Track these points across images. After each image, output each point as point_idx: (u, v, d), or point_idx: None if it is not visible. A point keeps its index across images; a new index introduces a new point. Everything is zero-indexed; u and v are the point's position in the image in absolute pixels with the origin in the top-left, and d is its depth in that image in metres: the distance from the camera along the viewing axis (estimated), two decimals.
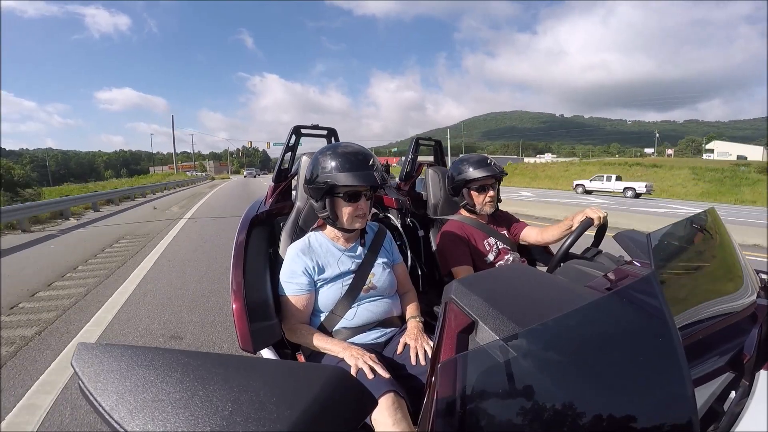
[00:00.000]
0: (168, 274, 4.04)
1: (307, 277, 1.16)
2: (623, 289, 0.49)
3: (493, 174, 1.67)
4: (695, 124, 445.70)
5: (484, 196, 1.70)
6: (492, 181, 1.71)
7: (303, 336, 1.13)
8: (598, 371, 0.44)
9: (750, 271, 0.82)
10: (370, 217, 1.24)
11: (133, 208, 11.26)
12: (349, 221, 1.18)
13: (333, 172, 1.12)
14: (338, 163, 1.12)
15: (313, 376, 0.39)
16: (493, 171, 1.67)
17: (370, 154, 1.17)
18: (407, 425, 0.84)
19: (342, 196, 1.15)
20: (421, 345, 1.08)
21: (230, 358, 0.41)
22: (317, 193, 1.16)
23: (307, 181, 1.19)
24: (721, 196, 21.32)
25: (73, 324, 2.80)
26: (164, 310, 3.04)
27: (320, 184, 1.13)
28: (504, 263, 1.67)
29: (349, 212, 1.16)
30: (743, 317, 0.71)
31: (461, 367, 0.43)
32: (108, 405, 0.35)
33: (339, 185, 1.12)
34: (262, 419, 0.34)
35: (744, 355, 0.64)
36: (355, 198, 1.16)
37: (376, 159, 1.17)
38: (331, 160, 1.14)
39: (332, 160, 1.13)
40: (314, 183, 1.15)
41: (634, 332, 0.47)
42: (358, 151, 1.16)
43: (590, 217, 1.47)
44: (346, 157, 1.13)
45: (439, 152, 2.35)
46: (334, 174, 1.12)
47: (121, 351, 0.41)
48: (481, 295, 0.55)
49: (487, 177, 1.67)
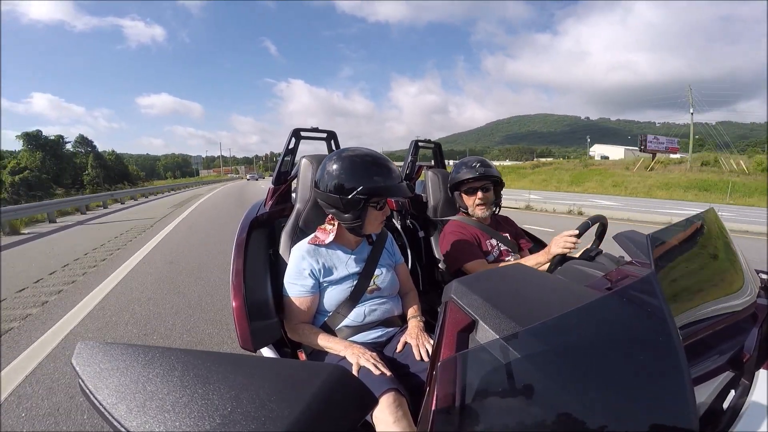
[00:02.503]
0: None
1: (313, 279, 1.16)
2: (623, 289, 0.49)
3: (477, 176, 1.65)
4: (728, 125, 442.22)
5: (474, 198, 1.69)
6: (481, 183, 1.68)
7: (305, 335, 1.14)
8: (598, 370, 0.44)
9: (750, 271, 0.82)
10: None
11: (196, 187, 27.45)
12: (374, 227, 1.20)
13: (371, 182, 1.10)
14: (377, 175, 1.12)
15: (314, 374, 0.39)
16: (475, 173, 1.65)
17: (392, 163, 1.19)
18: (408, 423, 0.84)
19: (374, 205, 1.16)
20: (421, 343, 1.08)
21: (230, 357, 0.41)
22: (354, 205, 1.12)
23: (335, 191, 1.12)
24: (568, 186, 27.74)
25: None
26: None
27: (358, 197, 1.10)
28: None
29: (376, 219, 1.18)
30: (743, 317, 0.71)
31: (461, 366, 0.43)
32: (108, 403, 0.35)
33: (378, 196, 1.13)
34: (262, 418, 0.34)
35: (744, 354, 0.64)
36: (382, 206, 1.18)
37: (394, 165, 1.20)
38: (366, 168, 1.12)
39: (369, 168, 1.12)
40: (350, 194, 1.11)
41: (634, 332, 0.47)
42: (385, 162, 1.17)
43: (558, 254, 1.35)
44: (381, 168, 1.14)
45: (438, 155, 2.35)
46: (374, 185, 1.10)
47: (121, 349, 0.41)
48: (481, 295, 0.55)
49: (473, 179, 1.66)
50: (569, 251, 1.34)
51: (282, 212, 1.60)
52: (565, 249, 1.33)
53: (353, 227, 1.17)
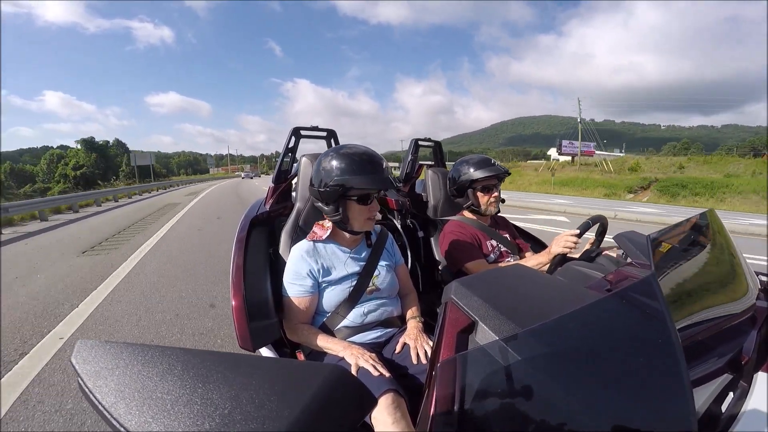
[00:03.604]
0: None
1: (312, 279, 1.16)
2: (623, 291, 0.49)
3: (497, 174, 1.67)
4: (733, 128, 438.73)
5: (489, 196, 1.71)
6: (495, 181, 1.72)
7: (304, 335, 1.14)
8: (597, 372, 0.44)
9: (750, 273, 0.82)
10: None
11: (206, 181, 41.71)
12: (361, 223, 1.18)
13: (346, 174, 1.10)
14: (351, 166, 1.11)
15: (313, 374, 0.39)
16: (497, 171, 1.67)
17: (380, 157, 1.17)
18: (407, 424, 0.84)
19: (355, 198, 1.14)
20: (420, 344, 1.08)
21: (230, 357, 0.41)
22: (330, 196, 1.13)
23: (318, 185, 1.16)
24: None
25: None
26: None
27: (334, 187, 1.11)
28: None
29: (361, 214, 1.16)
30: (742, 319, 0.71)
31: (461, 367, 0.43)
32: (107, 403, 0.35)
33: (354, 188, 1.11)
34: (261, 417, 0.34)
35: (743, 356, 0.64)
36: (367, 200, 1.16)
37: (384, 160, 1.18)
38: (342, 163, 1.12)
39: (343, 162, 1.12)
40: (327, 187, 1.12)
41: (634, 333, 0.47)
42: (369, 154, 1.15)
43: (559, 254, 1.36)
44: (358, 160, 1.12)
45: (438, 153, 2.35)
46: (348, 177, 1.10)
47: (121, 348, 0.40)
48: (481, 296, 0.55)
49: (490, 177, 1.68)
50: (570, 251, 1.35)
51: (282, 211, 1.60)
52: (566, 249, 1.34)
53: (337, 221, 1.17)
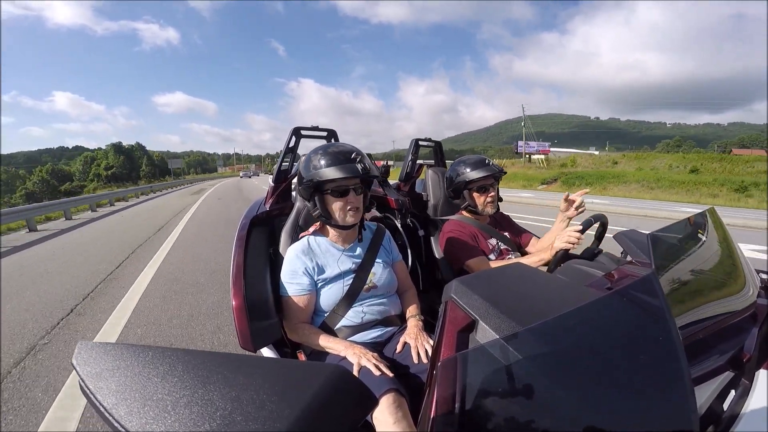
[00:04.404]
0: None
1: (308, 278, 1.17)
2: (624, 289, 0.49)
3: (492, 174, 1.67)
4: (740, 126, 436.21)
5: (485, 197, 1.71)
6: (492, 181, 1.71)
7: (305, 335, 1.14)
8: (598, 370, 0.44)
9: (750, 271, 0.82)
10: (363, 213, 1.24)
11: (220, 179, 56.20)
12: (341, 216, 1.19)
13: (318, 169, 1.14)
14: (323, 161, 1.14)
15: (314, 374, 0.39)
16: (492, 170, 1.67)
17: (354, 149, 1.18)
18: (408, 424, 0.84)
19: (330, 192, 1.16)
20: (421, 344, 1.08)
21: (230, 357, 0.41)
22: (307, 191, 1.18)
23: (298, 183, 1.22)
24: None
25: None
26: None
27: (307, 182, 1.15)
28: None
29: (340, 207, 1.17)
30: (743, 317, 0.71)
31: (461, 366, 0.43)
32: (108, 404, 0.35)
33: (324, 181, 1.13)
34: (262, 418, 0.34)
35: (744, 354, 0.64)
36: (344, 193, 1.17)
37: (362, 153, 1.18)
38: (315, 159, 1.16)
39: (317, 158, 1.15)
40: (303, 183, 1.17)
41: (635, 331, 0.47)
42: (342, 148, 1.18)
43: (562, 249, 1.34)
44: (331, 154, 1.15)
45: (438, 153, 2.35)
46: (319, 171, 1.13)
47: (122, 349, 0.40)
48: (481, 294, 0.55)
49: (486, 177, 1.68)
50: (573, 247, 1.35)
51: (282, 211, 1.60)
52: (569, 244, 1.34)
53: (319, 216, 1.20)
